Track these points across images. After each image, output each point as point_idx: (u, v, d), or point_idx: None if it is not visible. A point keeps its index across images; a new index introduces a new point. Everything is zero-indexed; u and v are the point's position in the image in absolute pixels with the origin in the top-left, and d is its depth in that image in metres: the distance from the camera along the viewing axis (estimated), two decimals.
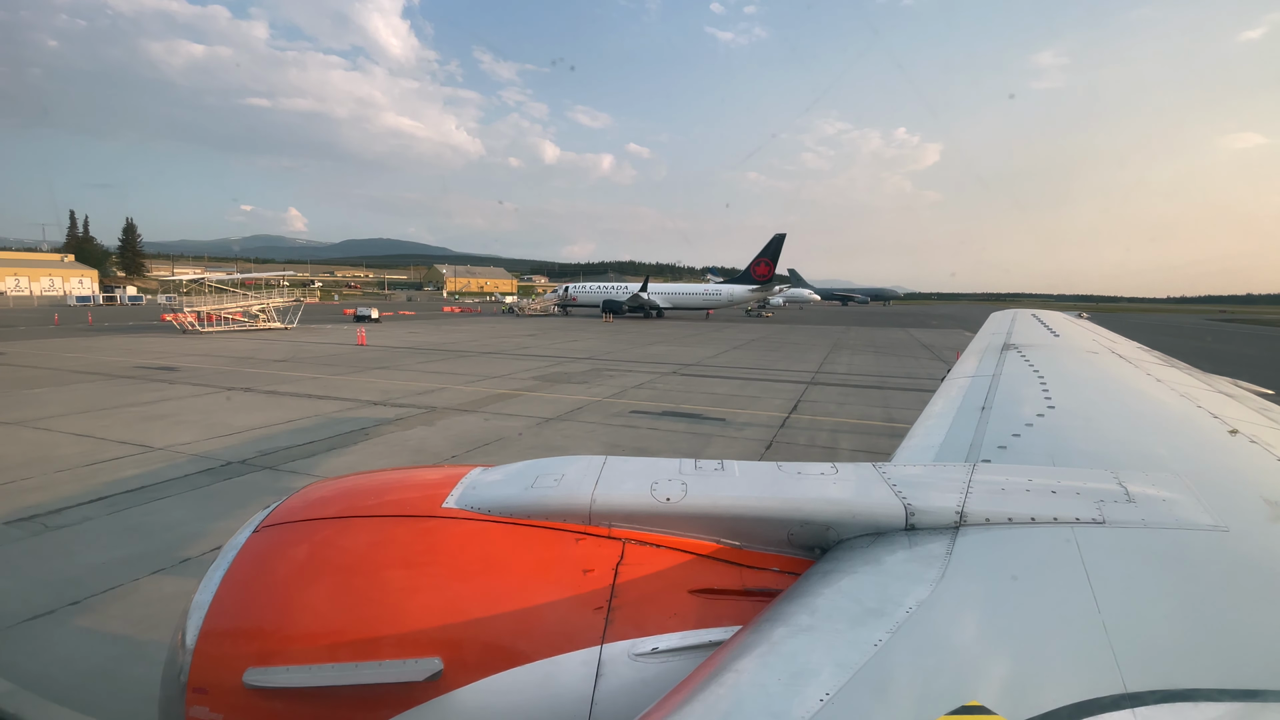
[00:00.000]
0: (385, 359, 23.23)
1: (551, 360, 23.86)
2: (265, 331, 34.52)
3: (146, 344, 27.64)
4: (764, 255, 62.80)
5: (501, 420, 13.00)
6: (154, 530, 7.03)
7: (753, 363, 24.82)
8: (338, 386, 16.81)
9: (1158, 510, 1.70)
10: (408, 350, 26.76)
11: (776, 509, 1.79)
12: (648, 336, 37.07)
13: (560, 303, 67.06)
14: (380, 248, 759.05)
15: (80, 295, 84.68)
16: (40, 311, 56.93)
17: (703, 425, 13.04)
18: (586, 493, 1.83)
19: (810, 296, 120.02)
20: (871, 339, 39.55)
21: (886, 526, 1.73)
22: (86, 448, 10.24)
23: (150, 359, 22.17)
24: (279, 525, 1.86)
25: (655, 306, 61.40)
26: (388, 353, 25.43)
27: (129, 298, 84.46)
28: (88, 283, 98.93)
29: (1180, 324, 78.36)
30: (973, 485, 1.84)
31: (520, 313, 64.36)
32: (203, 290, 37.89)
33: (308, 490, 2.07)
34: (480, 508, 1.84)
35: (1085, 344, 5.29)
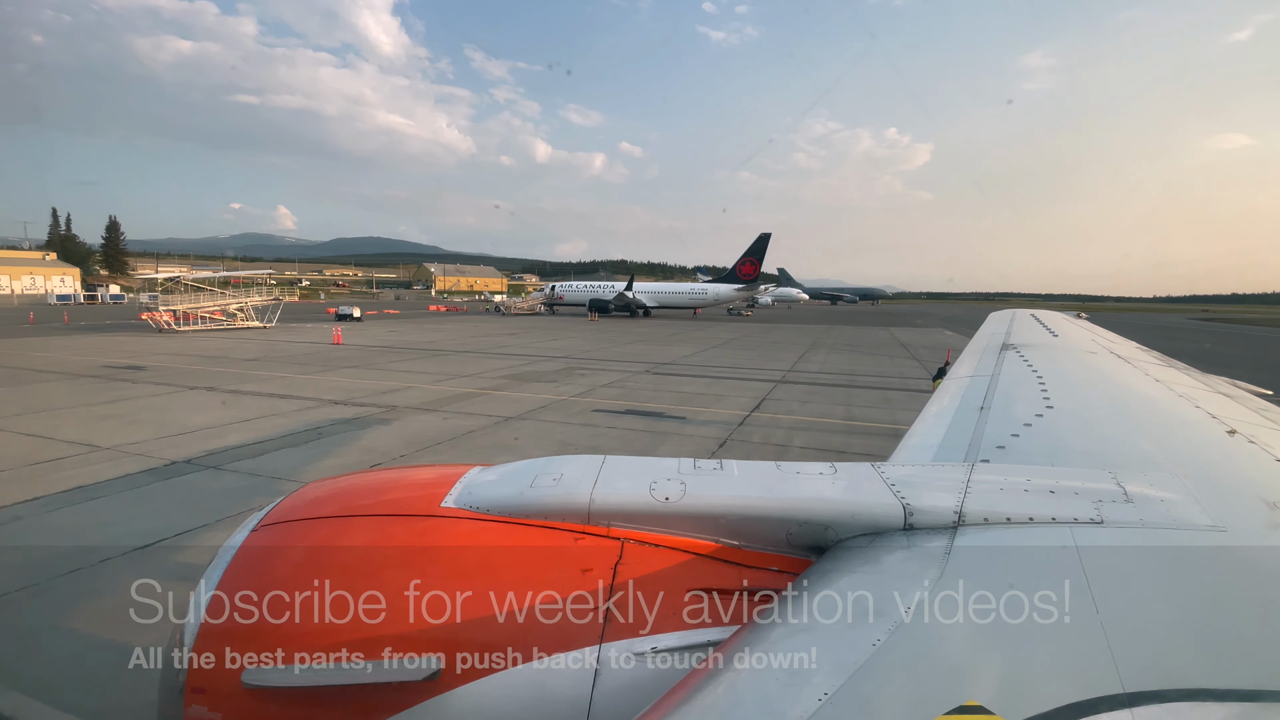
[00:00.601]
0: (358, 358, 23.12)
1: (527, 359, 23.83)
2: (242, 330, 34.22)
3: (119, 343, 27.35)
4: (749, 255, 62.99)
5: (460, 419, 12.99)
6: (83, 530, 6.99)
7: (728, 361, 24.91)
8: (302, 386, 16.71)
9: (1156, 510, 1.70)
10: (383, 349, 26.63)
11: (775, 508, 1.79)
12: (629, 335, 37.08)
13: (547, 302, 66.99)
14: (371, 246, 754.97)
15: (61, 294, 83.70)
16: (18, 310, 56.21)
17: (662, 423, 13.08)
18: (585, 492, 1.83)
19: (799, 296, 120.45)
20: (851, 338, 39.76)
21: (885, 526, 1.72)
22: (30, 447, 10.14)
23: (118, 358, 21.94)
24: (277, 525, 1.86)
25: (642, 305, 61.43)
26: (362, 352, 25.31)
27: (111, 296, 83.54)
28: (70, 281, 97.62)
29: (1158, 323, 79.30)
30: (971, 485, 1.84)
31: (506, 311, 64.19)
32: (179, 289, 37.52)
33: (306, 490, 2.07)
34: (479, 507, 1.84)
35: (1084, 344, 5.28)
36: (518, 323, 48.66)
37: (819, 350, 30.77)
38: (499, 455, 10.45)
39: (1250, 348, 37.65)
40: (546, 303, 67.02)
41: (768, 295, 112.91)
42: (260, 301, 39.17)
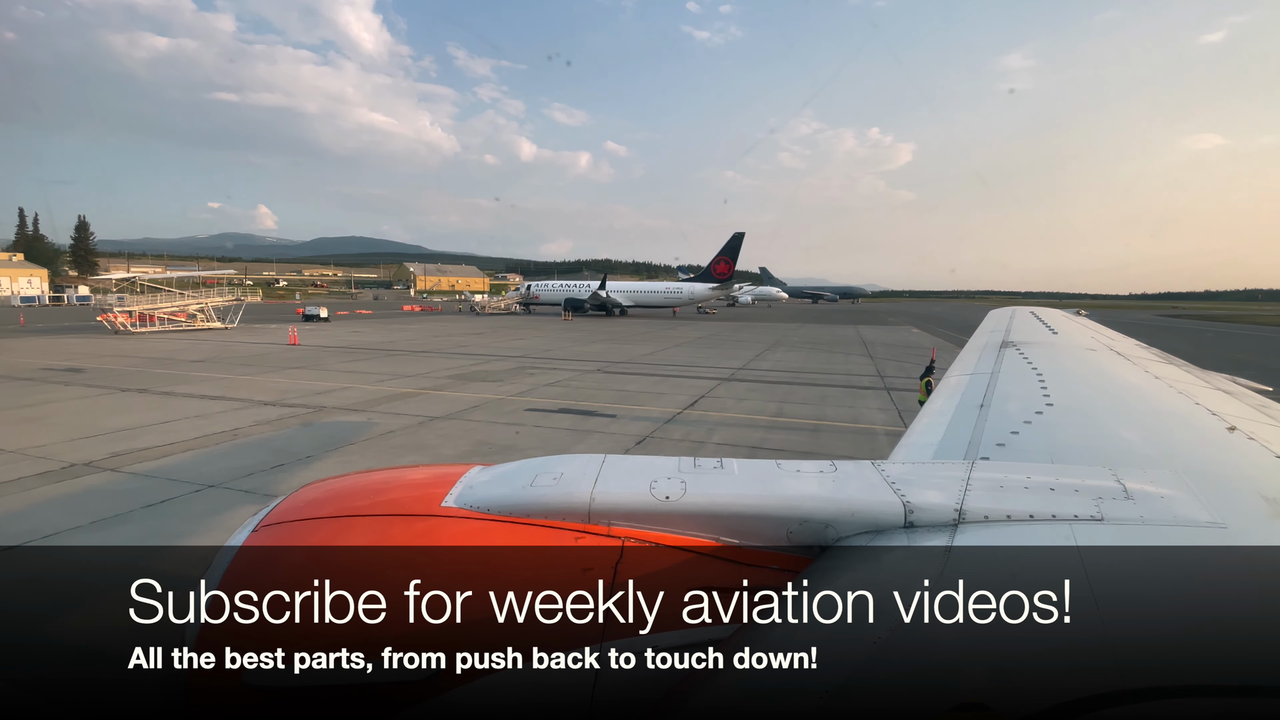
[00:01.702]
0: (309, 359, 22.93)
1: (481, 359, 23.78)
2: (202, 332, 33.79)
3: (68, 345, 26.85)
4: (724, 254, 63.27)
5: (385, 419, 12.96)
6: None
7: (685, 360, 25.02)
8: (238, 387, 16.57)
9: (1156, 507, 1.71)
10: (339, 350, 26.44)
11: (776, 507, 1.80)
12: (597, 334, 37.12)
13: (523, 301, 66.77)
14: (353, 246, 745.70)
15: (26, 295, 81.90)
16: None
17: (590, 421, 13.17)
18: (585, 491, 1.83)
19: (778, 295, 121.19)
20: (816, 336, 40.06)
21: (885, 524, 1.73)
22: None
23: (61, 360, 21.56)
24: (277, 525, 1.85)
25: (617, 304, 61.47)
26: (315, 352, 25.11)
27: (78, 297, 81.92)
28: (37, 282, 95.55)
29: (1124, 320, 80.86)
30: (971, 483, 1.85)
31: (480, 311, 63.97)
32: (136, 289, 36.92)
33: (306, 490, 2.06)
34: (479, 506, 1.84)
35: (1084, 341, 5.30)
36: (489, 322, 48.50)
37: (779, 349, 31.00)
38: (411, 456, 10.47)
39: (1197, 343, 38.57)
40: (522, 302, 66.83)
41: (747, 294, 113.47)
42: (222, 302, 38.66)
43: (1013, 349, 4.63)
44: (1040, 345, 4.92)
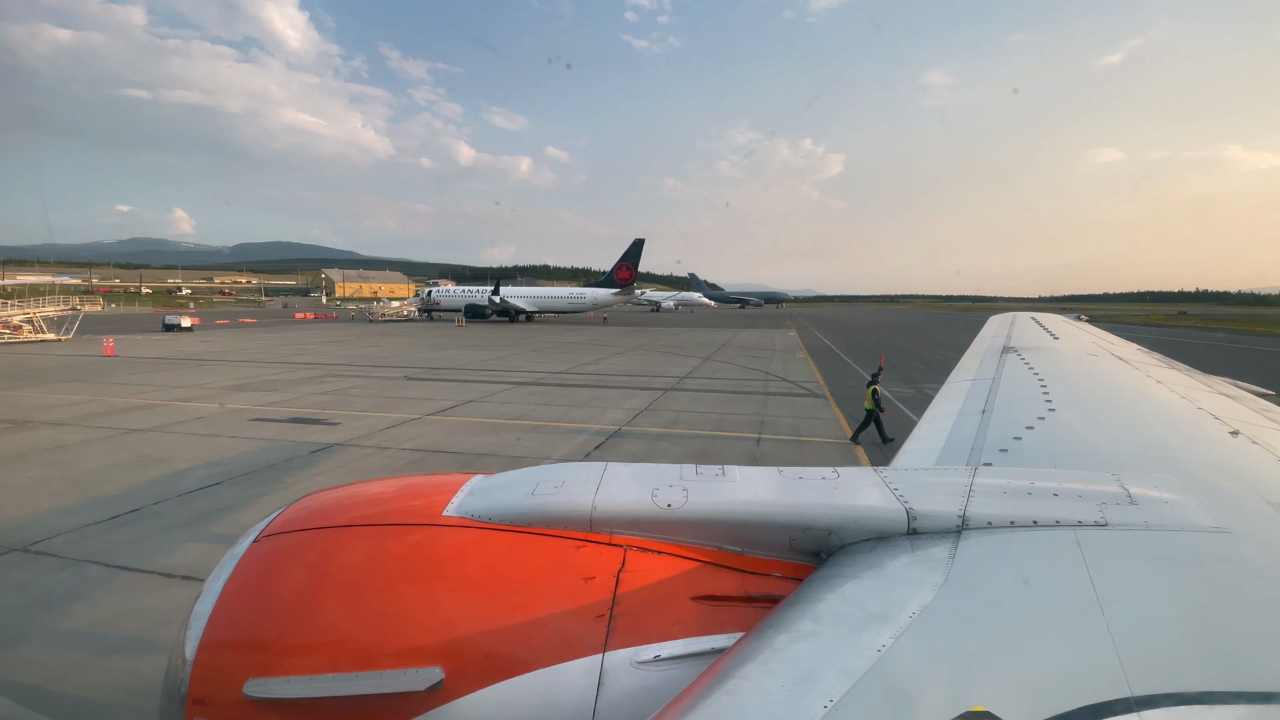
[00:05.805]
0: (102, 372, 21.82)
1: (285, 369, 23.19)
2: (20, 344, 31.47)
3: None
4: (625, 260, 64.09)
5: (89, 432, 12.57)
6: None
7: (510, 365, 25.13)
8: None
9: (1160, 512, 1.69)
10: (152, 361, 25.26)
11: (778, 514, 1.77)
12: (459, 341, 36.93)
13: (423, 307, 65.55)
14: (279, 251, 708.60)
15: None
16: None
17: (309, 429, 13.15)
18: (587, 499, 1.80)
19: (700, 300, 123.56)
20: (685, 340, 41.11)
21: (889, 531, 1.71)
22: None
23: None
24: (279, 535, 1.79)
25: (521, 310, 61.22)
26: (121, 364, 23.91)
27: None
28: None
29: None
30: (974, 489, 1.82)
31: (373, 319, 62.39)
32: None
33: (308, 500, 1.99)
34: (481, 515, 1.80)
35: (1085, 346, 5.33)
36: (376, 330, 47.37)
37: (634, 352, 31.63)
38: (74, 467, 10.17)
39: None
40: (423, 308, 65.59)
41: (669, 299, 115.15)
42: (55, 312, 36.18)
43: (1014, 354, 4.63)
44: (1041, 350, 4.92)
